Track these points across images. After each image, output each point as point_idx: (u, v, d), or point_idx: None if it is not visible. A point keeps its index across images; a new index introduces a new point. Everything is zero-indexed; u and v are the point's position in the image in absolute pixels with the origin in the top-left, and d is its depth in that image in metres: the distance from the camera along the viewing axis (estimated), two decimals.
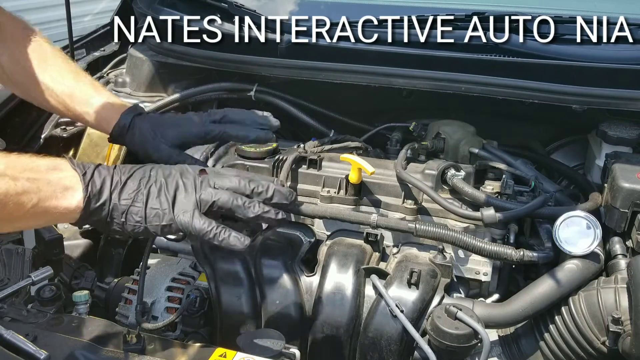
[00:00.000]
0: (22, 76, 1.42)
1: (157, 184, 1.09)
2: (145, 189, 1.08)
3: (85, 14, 5.25)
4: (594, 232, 1.29)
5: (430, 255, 1.41)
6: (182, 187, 1.10)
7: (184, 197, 1.09)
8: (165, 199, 1.08)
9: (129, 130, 1.37)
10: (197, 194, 1.09)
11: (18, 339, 1.09)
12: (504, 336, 1.41)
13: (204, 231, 1.07)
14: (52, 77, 1.41)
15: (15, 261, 1.42)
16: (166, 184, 1.10)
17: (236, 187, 1.11)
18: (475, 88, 1.57)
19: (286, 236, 1.48)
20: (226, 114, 1.38)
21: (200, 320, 1.40)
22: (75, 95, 1.42)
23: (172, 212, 1.07)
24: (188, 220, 1.07)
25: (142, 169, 1.12)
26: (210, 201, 1.08)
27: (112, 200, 1.06)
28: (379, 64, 1.64)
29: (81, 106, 1.42)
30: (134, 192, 1.08)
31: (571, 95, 1.51)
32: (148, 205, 1.07)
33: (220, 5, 2.03)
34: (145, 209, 1.07)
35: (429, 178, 1.48)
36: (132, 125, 1.37)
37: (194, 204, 1.08)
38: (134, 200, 1.07)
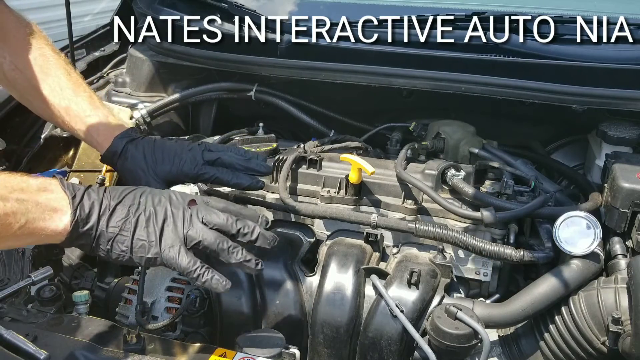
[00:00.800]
0: (22, 83, 1.41)
1: (146, 212, 1.08)
2: (134, 217, 1.07)
3: (85, 14, 5.24)
4: (594, 232, 1.29)
5: (430, 255, 1.41)
6: (170, 219, 1.09)
7: (171, 231, 1.08)
8: (153, 230, 1.07)
9: (120, 156, 1.35)
10: (185, 229, 1.08)
11: (18, 339, 1.09)
12: (504, 336, 1.41)
13: (188, 270, 1.07)
14: (51, 88, 1.39)
15: (15, 261, 1.42)
16: (155, 214, 1.08)
17: (223, 225, 1.11)
18: (475, 88, 1.57)
19: (286, 236, 1.48)
20: (220, 157, 1.34)
21: (200, 320, 1.40)
22: (72, 110, 1.40)
23: (158, 246, 1.07)
24: (174, 257, 1.06)
25: (132, 194, 1.11)
26: (197, 240, 1.08)
27: (100, 226, 1.06)
28: (379, 64, 1.64)
29: (76, 122, 1.40)
30: (122, 220, 1.07)
31: (571, 95, 1.52)
32: (135, 236, 1.07)
33: (220, 5, 2.03)
34: (132, 239, 1.06)
35: (429, 178, 1.48)
36: (124, 152, 1.35)
37: (181, 240, 1.07)
38: (122, 228, 1.06)
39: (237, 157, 1.35)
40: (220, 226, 1.11)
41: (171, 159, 1.33)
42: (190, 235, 1.08)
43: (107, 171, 1.80)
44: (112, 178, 1.82)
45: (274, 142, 1.67)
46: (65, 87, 1.40)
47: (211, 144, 1.39)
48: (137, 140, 1.36)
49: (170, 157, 1.34)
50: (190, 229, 1.08)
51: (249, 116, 1.90)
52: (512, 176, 1.52)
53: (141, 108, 1.86)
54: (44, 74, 1.40)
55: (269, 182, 1.57)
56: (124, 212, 1.07)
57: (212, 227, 1.10)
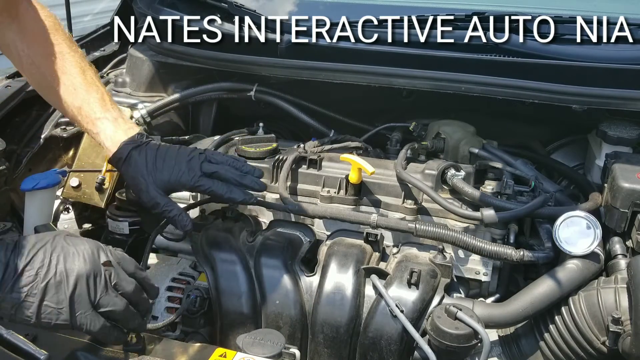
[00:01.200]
0: (38, 78, 1.45)
1: (56, 277, 1.03)
2: (42, 282, 1.02)
3: (85, 14, 5.24)
4: (594, 232, 1.29)
5: (430, 255, 1.41)
6: (83, 284, 1.04)
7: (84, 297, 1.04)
8: (64, 296, 1.03)
9: (125, 162, 1.38)
10: (97, 296, 1.05)
11: (18, 339, 1.09)
12: (504, 336, 1.41)
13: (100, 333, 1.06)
14: (66, 87, 1.42)
15: None
16: (67, 279, 1.03)
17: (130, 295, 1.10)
18: (475, 88, 1.57)
19: (286, 236, 1.48)
20: (218, 170, 1.38)
21: (200, 320, 1.40)
22: (83, 110, 1.43)
23: (68, 313, 1.03)
24: (86, 322, 1.04)
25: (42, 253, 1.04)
26: (107, 308, 1.06)
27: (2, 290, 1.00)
28: (379, 64, 1.64)
29: (87, 123, 1.43)
30: (28, 286, 1.01)
31: (571, 95, 1.51)
32: (44, 302, 1.02)
33: (220, 5, 2.03)
34: (39, 306, 1.02)
35: (429, 178, 1.49)
36: (129, 157, 1.38)
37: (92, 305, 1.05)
38: (28, 294, 1.01)
39: (234, 172, 1.40)
40: (128, 294, 1.10)
41: (171, 168, 1.37)
42: (101, 303, 1.06)
43: (107, 171, 1.80)
44: (112, 178, 1.82)
45: (274, 142, 1.67)
46: (78, 87, 1.42)
47: (212, 155, 1.42)
48: (141, 146, 1.39)
49: (170, 166, 1.37)
50: (102, 298, 1.06)
51: (249, 116, 1.90)
52: (512, 176, 1.52)
53: (141, 108, 1.85)
54: (59, 71, 1.42)
55: (269, 182, 1.57)
56: (32, 275, 1.02)
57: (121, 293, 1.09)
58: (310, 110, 1.83)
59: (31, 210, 1.66)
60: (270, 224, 1.56)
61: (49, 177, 1.68)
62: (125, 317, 1.09)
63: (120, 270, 1.10)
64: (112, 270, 1.09)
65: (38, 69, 1.43)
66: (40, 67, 1.42)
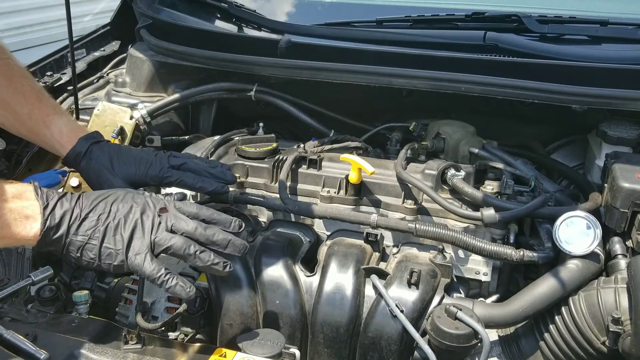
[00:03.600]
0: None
1: (115, 221, 1.12)
2: (103, 226, 1.11)
3: (85, 14, 5.25)
4: (594, 232, 1.29)
5: (430, 255, 1.41)
6: (139, 227, 1.13)
7: (139, 239, 1.12)
8: (120, 238, 1.11)
9: (84, 157, 1.37)
10: (152, 236, 1.12)
11: (18, 339, 1.09)
12: (504, 336, 1.41)
13: (153, 277, 1.11)
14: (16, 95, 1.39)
15: (15, 261, 1.42)
16: (124, 222, 1.12)
17: (192, 233, 1.15)
18: (475, 88, 1.57)
19: (286, 236, 1.48)
20: (186, 162, 1.39)
21: (200, 320, 1.40)
22: (34, 115, 1.40)
23: (124, 254, 1.11)
24: (139, 264, 1.11)
25: (104, 202, 1.14)
26: (164, 246, 1.12)
27: (69, 235, 1.10)
28: (379, 64, 1.64)
29: (39, 126, 1.40)
30: (91, 229, 1.11)
31: (571, 95, 1.51)
32: (103, 244, 1.11)
33: (220, 5, 2.03)
34: (100, 248, 1.11)
35: (429, 178, 1.49)
36: (89, 152, 1.37)
37: (148, 247, 1.12)
38: (90, 237, 1.11)
39: (202, 164, 1.41)
40: (189, 234, 1.14)
41: (137, 162, 1.37)
42: (157, 242, 1.12)
43: None
44: None
45: (274, 142, 1.67)
46: (29, 95, 1.40)
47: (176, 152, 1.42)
48: (102, 142, 1.40)
49: (137, 160, 1.37)
50: (157, 236, 1.12)
51: (249, 116, 1.90)
52: (512, 176, 1.52)
53: (141, 108, 1.86)
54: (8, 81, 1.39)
55: (269, 182, 1.57)
56: (94, 220, 1.11)
57: (181, 234, 1.14)
58: (310, 110, 1.83)
59: None
60: (270, 224, 1.56)
61: (49, 177, 1.68)
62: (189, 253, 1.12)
63: (178, 213, 1.15)
64: (168, 215, 1.15)
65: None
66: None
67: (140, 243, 1.11)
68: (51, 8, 5.29)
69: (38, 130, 1.41)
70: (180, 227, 1.15)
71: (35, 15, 5.19)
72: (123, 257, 1.11)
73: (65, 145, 1.38)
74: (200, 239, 1.15)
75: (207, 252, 1.15)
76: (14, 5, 5.21)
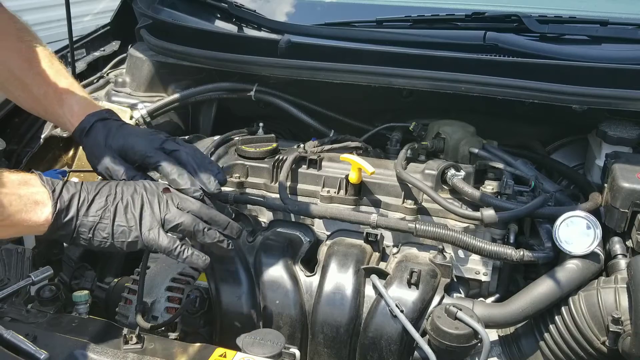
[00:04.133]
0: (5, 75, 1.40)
1: (123, 200, 1.15)
2: (113, 205, 1.14)
3: (85, 14, 5.24)
4: (594, 232, 1.29)
5: (430, 255, 1.41)
6: (147, 205, 1.16)
7: (149, 215, 1.15)
8: (132, 216, 1.14)
9: (87, 133, 1.32)
10: (162, 213, 1.16)
11: (18, 339, 1.09)
12: (504, 336, 1.41)
13: (169, 249, 1.15)
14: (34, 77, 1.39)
15: (15, 261, 1.42)
16: (132, 201, 1.16)
17: (197, 212, 1.19)
18: (475, 88, 1.57)
19: (286, 236, 1.48)
20: (179, 150, 1.28)
21: (200, 320, 1.40)
22: (49, 94, 1.38)
23: (138, 230, 1.14)
24: (154, 238, 1.14)
25: (107, 186, 1.17)
26: (174, 222, 1.16)
27: (80, 216, 1.12)
28: (379, 64, 1.64)
29: (52, 104, 1.38)
30: (101, 210, 1.13)
31: (571, 95, 1.51)
32: (115, 222, 1.13)
33: (220, 5, 2.03)
34: (113, 226, 1.13)
35: (429, 178, 1.49)
36: (91, 129, 1.32)
37: (159, 222, 1.15)
38: (102, 217, 1.13)
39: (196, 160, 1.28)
40: (195, 212, 1.19)
41: (128, 136, 1.29)
42: (167, 219, 1.16)
43: None
44: None
45: (274, 142, 1.67)
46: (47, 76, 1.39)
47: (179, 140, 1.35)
48: (108, 120, 1.34)
49: (129, 134, 1.30)
50: (167, 213, 1.16)
51: (249, 116, 1.90)
52: (512, 176, 1.52)
53: (141, 108, 1.85)
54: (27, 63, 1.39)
55: (269, 182, 1.57)
56: (102, 201, 1.14)
57: (187, 212, 1.18)
58: (310, 110, 1.83)
59: None
60: (270, 224, 1.56)
61: (48, 177, 1.68)
62: (197, 230, 1.17)
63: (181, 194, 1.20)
64: (172, 195, 1.19)
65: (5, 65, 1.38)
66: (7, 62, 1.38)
67: (152, 219, 1.15)
68: (51, 8, 5.28)
69: (52, 109, 1.39)
70: (187, 206, 1.18)
71: (35, 15, 5.18)
72: (137, 232, 1.14)
73: (74, 122, 1.36)
74: (204, 217, 1.19)
75: (213, 229, 1.19)
76: (14, 5, 5.20)
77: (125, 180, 1.22)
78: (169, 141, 1.30)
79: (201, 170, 1.26)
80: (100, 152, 1.29)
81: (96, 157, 1.29)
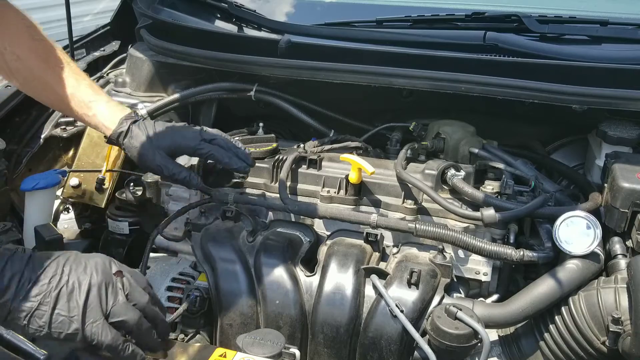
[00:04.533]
0: (24, 73, 1.46)
1: (68, 285, 1.03)
2: (55, 290, 1.02)
3: (85, 14, 5.24)
4: (594, 232, 1.29)
5: (430, 255, 1.41)
6: (95, 292, 1.04)
7: (95, 305, 1.03)
8: (75, 304, 1.02)
9: (126, 136, 1.44)
10: (109, 304, 1.05)
11: (18, 339, 1.09)
12: (504, 336, 1.41)
13: (111, 346, 1.03)
14: (54, 77, 1.46)
15: None
16: (79, 286, 1.03)
17: (144, 307, 1.09)
18: (475, 88, 1.57)
19: (286, 236, 1.48)
20: (216, 138, 1.46)
21: (200, 320, 1.40)
22: (76, 97, 1.47)
23: (80, 321, 1.02)
24: (97, 332, 1.02)
25: (55, 263, 1.05)
26: (119, 318, 1.05)
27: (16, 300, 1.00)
28: (379, 64, 1.64)
29: (81, 107, 1.47)
30: (42, 294, 1.01)
31: (571, 95, 1.51)
32: (56, 310, 1.01)
33: (220, 5, 2.03)
34: (52, 314, 1.01)
35: (429, 178, 1.49)
36: (129, 131, 1.44)
37: (104, 314, 1.04)
38: (41, 302, 1.01)
39: (230, 143, 1.47)
40: (141, 306, 1.08)
41: (172, 134, 1.45)
42: (114, 312, 1.05)
43: (107, 171, 1.80)
44: (112, 178, 1.82)
45: (274, 142, 1.67)
46: (67, 76, 1.47)
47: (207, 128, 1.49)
48: (139, 121, 1.47)
49: (172, 133, 1.46)
50: (115, 305, 1.05)
51: (249, 116, 1.90)
52: (512, 176, 1.52)
53: (141, 108, 1.85)
54: (45, 63, 1.46)
55: (269, 182, 1.57)
56: (45, 284, 1.02)
57: (134, 305, 1.08)
58: (310, 110, 1.83)
59: (31, 210, 1.66)
60: (270, 224, 1.56)
61: (49, 177, 1.68)
62: (140, 330, 1.07)
63: (133, 281, 1.09)
64: (125, 280, 1.08)
65: (24, 64, 1.44)
66: (26, 61, 1.44)
67: (97, 310, 1.03)
68: (51, 8, 5.28)
69: (81, 111, 1.48)
70: (136, 298, 1.08)
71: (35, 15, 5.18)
72: (78, 325, 1.01)
73: (109, 126, 1.46)
74: (149, 315, 1.09)
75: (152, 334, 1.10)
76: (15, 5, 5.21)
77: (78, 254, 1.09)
78: (203, 132, 1.46)
79: (237, 151, 1.46)
80: (149, 152, 1.42)
81: (146, 157, 1.42)
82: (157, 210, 1.71)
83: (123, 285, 1.07)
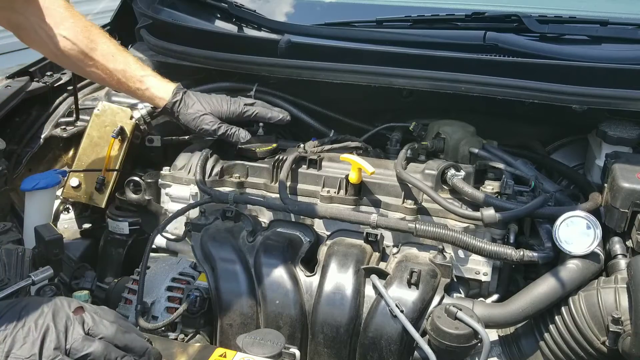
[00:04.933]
0: (73, 52, 1.57)
1: (25, 327, 1.01)
2: (11, 336, 1.00)
3: (85, 14, 5.24)
4: (594, 232, 1.29)
5: (430, 255, 1.41)
6: (52, 331, 1.01)
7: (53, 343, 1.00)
8: (30, 346, 1.00)
9: (180, 104, 1.62)
10: (68, 341, 1.02)
11: None
12: (504, 336, 1.41)
13: None
14: (103, 55, 1.59)
15: (15, 261, 1.42)
16: (35, 327, 1.01)
17: (111, 338, 1.06)
18: (475, 88, 1.57)
19: (286, 236, 1.48)
20: (255, 101, 1.70)
21: (200, 320, 1.40)
22: (127, 72, 1.61)
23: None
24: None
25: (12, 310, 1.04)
26: (82, 353, 1.02)
27: None
28: (379, 64, 1.64)
29: (134, 82, 1.62)
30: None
31: (571, 95, 1.51)
32: (12, 354, 0.99)
33: (220, 5, 2.03)
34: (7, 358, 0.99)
35: (429, 178, 1.49)
36: (183, 100, 1.62)
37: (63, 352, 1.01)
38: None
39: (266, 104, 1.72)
40: (108, 337, 1.05)
41: (221, 101, 1.66)
42: (74, 348, 1.02)
43: (108, 170, 1.80)
44: (112, 177, 1.82)
45: (274, 142, 1.68)
46: (115, 53, 1.61)
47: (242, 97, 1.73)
48: (187, 92, 1.66)
49: (221, 100, 1.66)
50: (74, 342, 1.02)
51: None
52: (512, 176, 1.52)
53: (141, 108, 1.85)
54: (94, 42, 1.58)
55: (269, 182, 1.57)
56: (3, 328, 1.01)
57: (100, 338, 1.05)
58: (310, 110, 1.83)
59: (31, 210, 1.67)
60: (270, 224, 1.56)
61: (49, 177, 1.68)
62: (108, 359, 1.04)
63: (96, 316, 1.07)
64: (85, 316, 1.05)
65: (72, 43, 1.55)
66: (74, 40, 1.55)
67: (54, 349, 1.00)
68: None
69: (135, 86, 1.63)
70: (100, 331, 1.05)
71: None
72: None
73: (163, 97, 1.63)
74: (119, 343, 1.06)
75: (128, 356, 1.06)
76: None
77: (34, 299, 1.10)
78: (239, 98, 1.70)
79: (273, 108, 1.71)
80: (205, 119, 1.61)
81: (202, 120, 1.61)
82: (157, 210, 1.71)
83: (84, 322, 1.05)
